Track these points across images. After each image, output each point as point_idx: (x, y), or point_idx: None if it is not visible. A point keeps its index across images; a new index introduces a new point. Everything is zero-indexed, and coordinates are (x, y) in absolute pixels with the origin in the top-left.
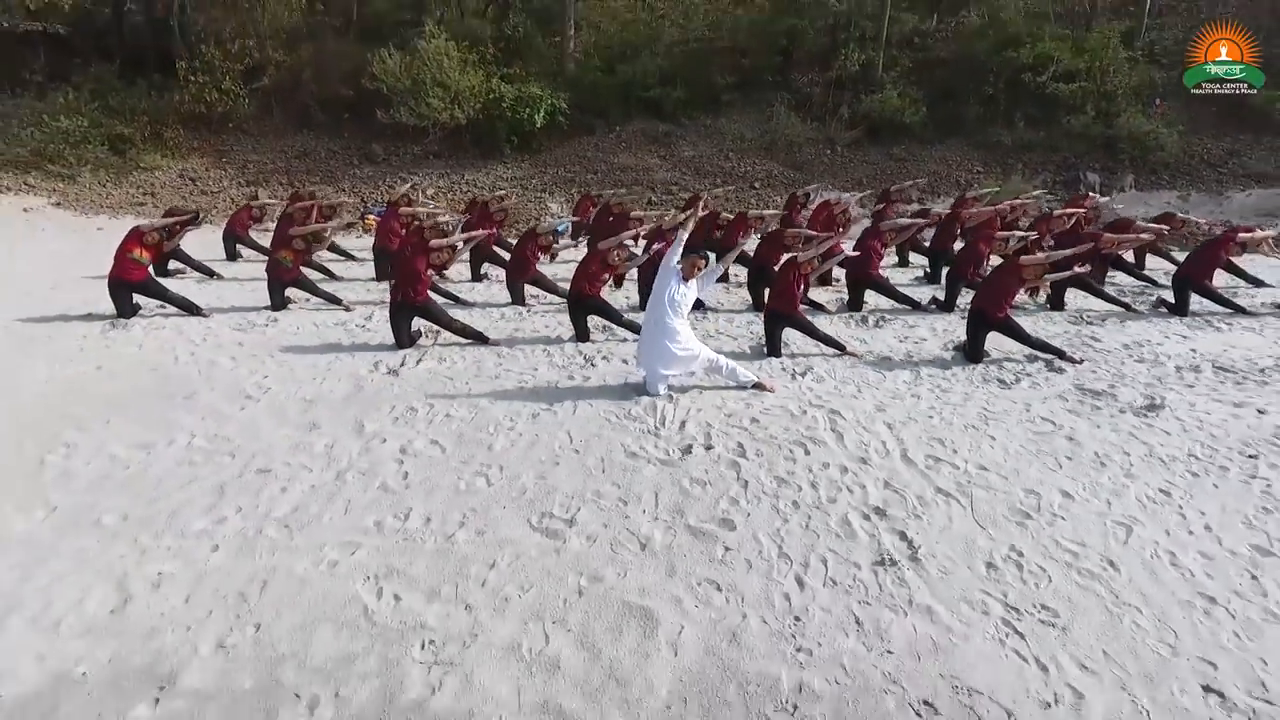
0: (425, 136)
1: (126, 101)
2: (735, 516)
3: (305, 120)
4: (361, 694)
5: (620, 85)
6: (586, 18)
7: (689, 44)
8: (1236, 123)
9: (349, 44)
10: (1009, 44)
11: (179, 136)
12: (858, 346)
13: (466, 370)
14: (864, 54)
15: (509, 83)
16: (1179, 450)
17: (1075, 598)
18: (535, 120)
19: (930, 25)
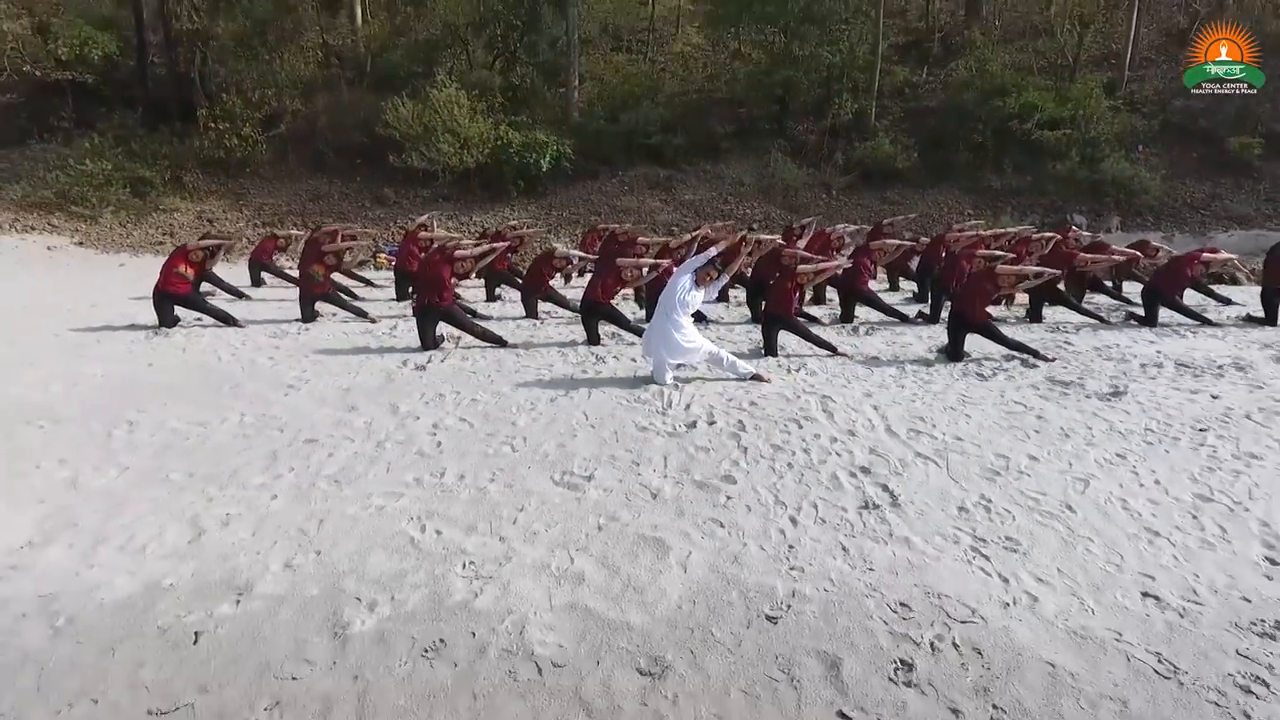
0: (435, 180)
1: (148, 146)
2: (736, 474)
3: (319, 165)
4: (414, 598)
5: (623, 133)
6: (590, 71)
7: (689, 95)
8: (1216, 167)
9: (362, 94)
10: (995, 94)
11: (197, 180)
12: (848, 349)
13: (488, 367)
14: (857, 104)
15: (516, 129)
16: (1136, 425)
17: (1035, 532)
18: (541, 165)
19: (920, 77)
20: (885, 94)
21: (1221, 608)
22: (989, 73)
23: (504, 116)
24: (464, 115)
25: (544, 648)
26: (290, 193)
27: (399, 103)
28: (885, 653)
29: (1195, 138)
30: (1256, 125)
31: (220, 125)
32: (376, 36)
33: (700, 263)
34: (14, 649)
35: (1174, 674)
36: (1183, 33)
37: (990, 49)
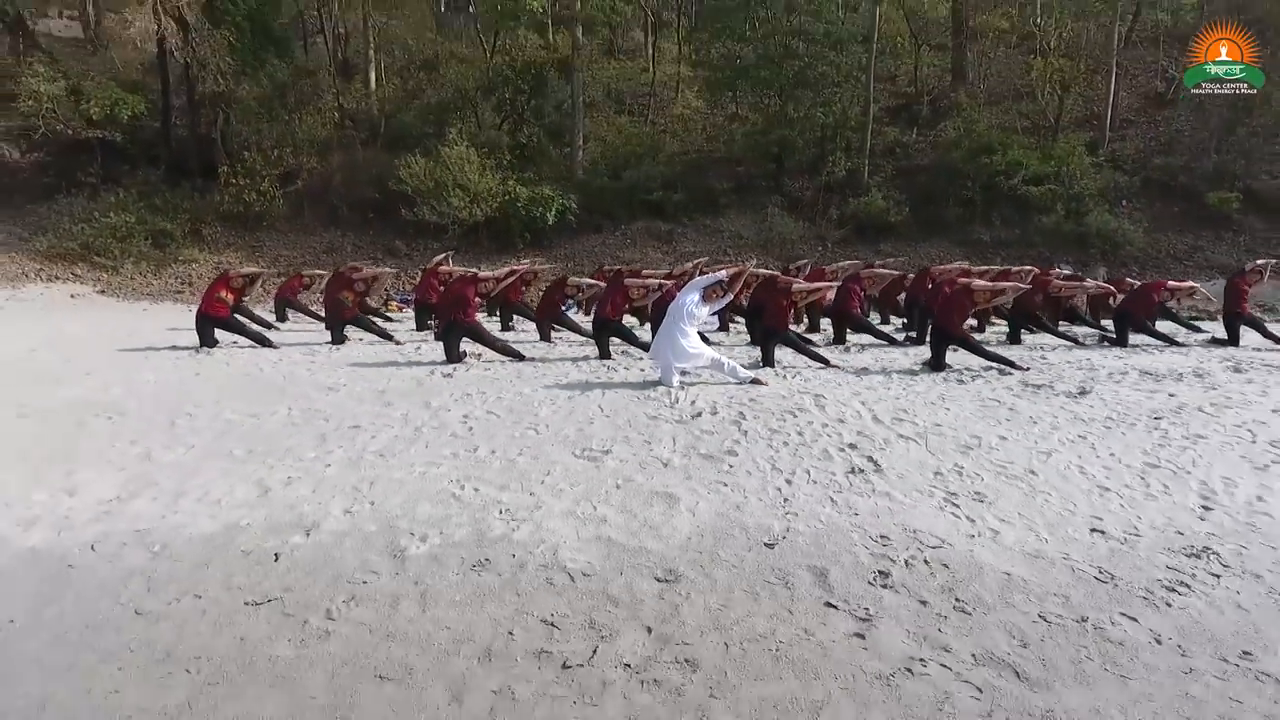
0: (445, 233)
1: (170, 201)
2: (737, 449)
3: (333, 219)
4: (459, 533)
5: (625, 189)
6: (594, 132)
7: (689, 154)
8: (1197, 220)
9: (376, 152)
10: (982, 152)
11: (216, 232)
12: (840, 363)
13: (509, 374)
14: (850, 162)
15: (524, 185)
16: (1098, 415)
17: (1001, 489)
18: (547, 218)
19: (910, 137)
20: (877, 153)
21: (1157, 538)
22: (975, 132)
23: (511, 173)
24: (474, 171)
25: (575, 564)
26: (305, 245)
27: (412, 160)
28: (866, 566)
29: (1175, 193)
30: (1234, 181)
31: (240, 181)
32: (390, 99)
33: (709, 281)
34: (122, 565)
35: (1110, 580)
36: (1159, 95)
37: (976, 110)
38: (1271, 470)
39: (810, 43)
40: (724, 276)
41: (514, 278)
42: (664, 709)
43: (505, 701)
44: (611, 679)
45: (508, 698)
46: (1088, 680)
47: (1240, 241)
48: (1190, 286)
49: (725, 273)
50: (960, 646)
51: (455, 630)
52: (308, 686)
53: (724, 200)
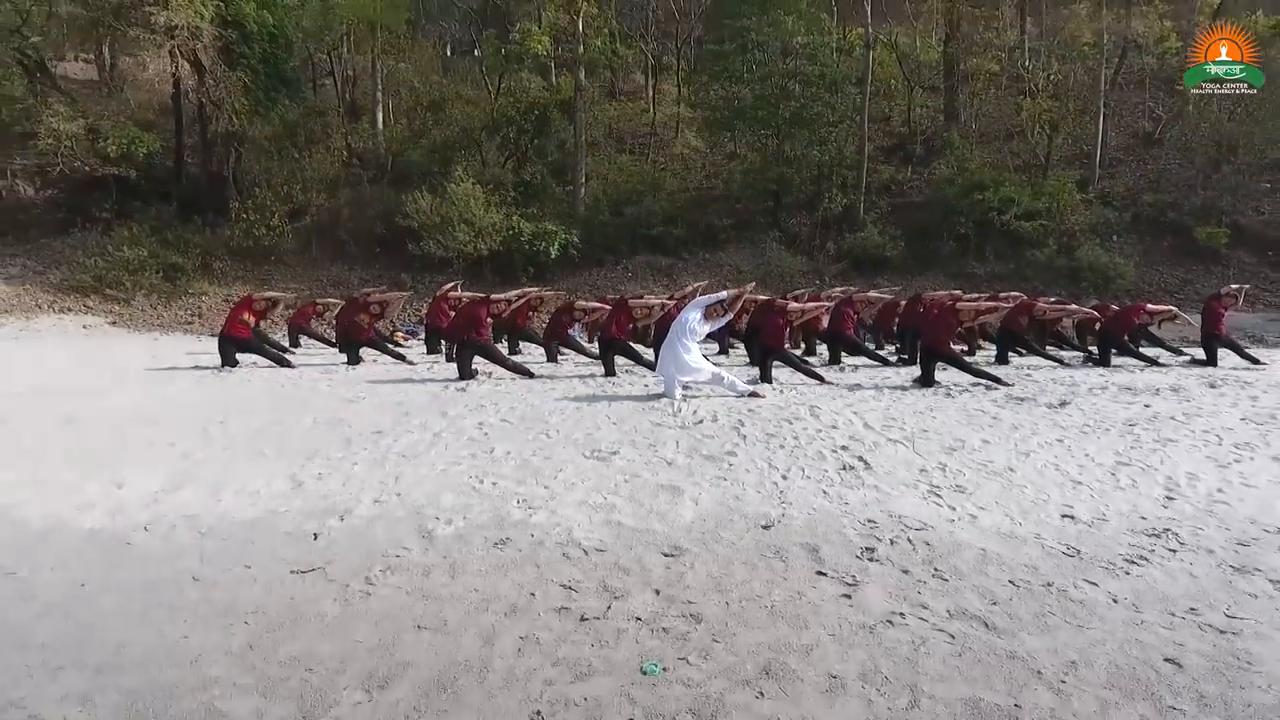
0: (450, 266)
1: (181, 235)
2: (737, 451)
3: (341, 253)
4: (481, 518)
5: (626, 225)
6: (596, 171)
7: (688, 191)
8: (1186, 255)
9: (383, 190)
10: (975, 189)
11: (226, 266)
12: (834, 380)
13: (520, 389)
14: (846, 198)
15: (527, 220)
16: (1076, 423)
17: (981, 482)
18: (550, 252)
19: (905, 175)
20: (873, 190)
21: (1122, 522)
22: (968, 170)
23: (515, 209)
24: (479, 207)
25: (589, 541)
26: (313, 279)
27: (418, 196)
28: (854, 544)
29: (1165, 228)
30: (1221, 217)
31: (250, 216)
32: (396, 139)
33: (710, 300)
34: (175, 542)
35: (1077, 554)
36: (1147, 135)
37: (968, 149)
38: (1233, 468)
39: (805, 84)
40: (724, 296)
41: (524, 300)
42: (671, 649)
43: (530, 645)
44: (624, 628)
45: (533, 641)
46: (1049, 629)
47: (1229, 275)
48: (1168, 310)
49: (726, 293)
50: (937, 605)
51: (483, 592)
52: (354, 634)
53: (723, 235)
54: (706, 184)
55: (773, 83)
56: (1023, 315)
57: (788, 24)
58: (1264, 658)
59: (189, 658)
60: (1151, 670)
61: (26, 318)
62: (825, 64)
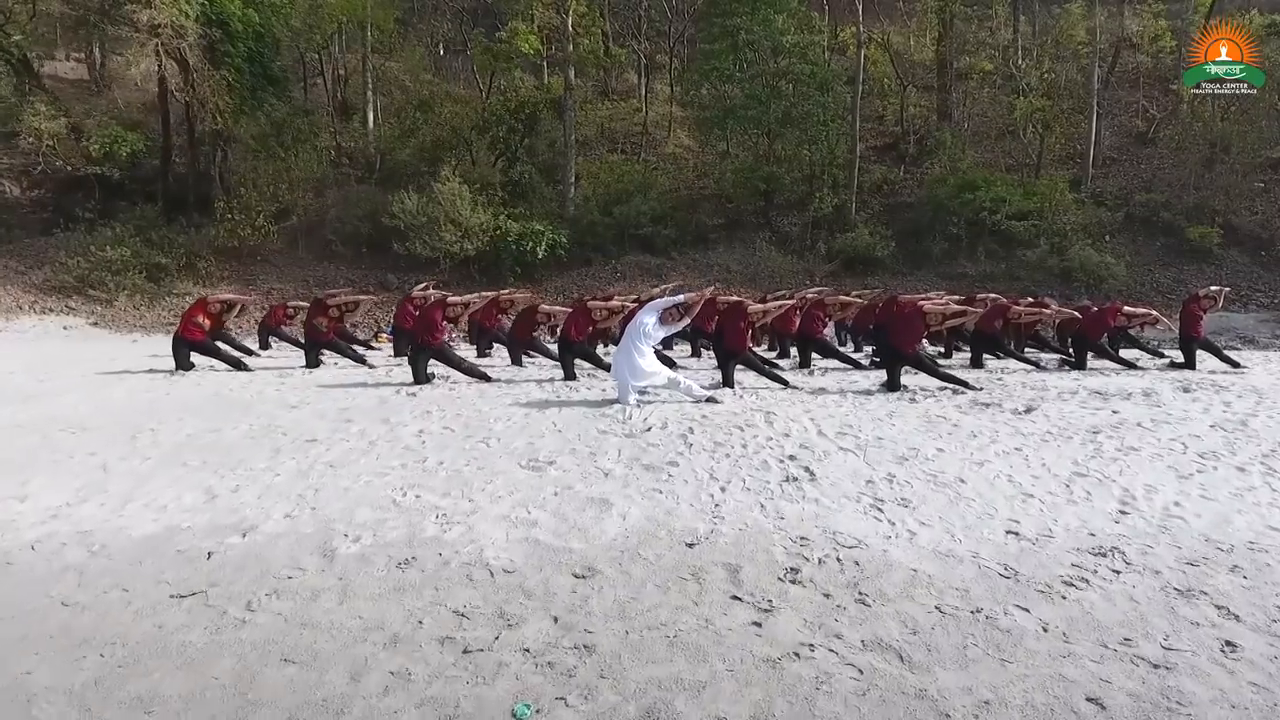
0: (437, 266)
1: (166, 235)
2: (679, 460)
3: (327, 253)
4: (392, 535)
5: (616, 224)
6: (587, 170)
7: (679, 191)
8: (1179, 255)
9: (371, 189)
10: (967, 188)
11: (211, 266)
12: (799, 384)
13: (473, 394)
14: (837, 198)
15: (515, 220)
16: (1038, 430)
17: (927, 495)
18: (537, 252)
19: (897, 174)
20: (865, 189)
21: (1068, 539)
22: (960, 170)
23: (503, 208)
24: (466, 207)
25: (498, 561)
26: (298, 278)
27: (405, 195)
28: (779, 564)
29: (1157, 229)
30: (1214, 217)
31: (235, 216)
32: (385, 138)
33: (667, 303)
34: (59, 562)
35: (1013, 575)
36: (1141, 134)
37: (961, 149)
38: (1194, 479)
39: (796, 83)
40: (681, 300)
41: (484, 302)
42: (552, 687)
43: (400, 682)
44: (508, 662)
45: (404, 677)
46: (968, 663)
47: (1222, 275)
48: (1148, 313)
49: (683, 296)
50: (852, 635)
51: (367, 620)
52: (213, 669)
53: (714, 235)
54: (698, 184)
55: (763, 81)
56: (996, 318)
57: (778, 22)
58: (1195, 698)
59: (24, 697)
60: (1071, 712)
61: (7, 318)
62: (816, 63)
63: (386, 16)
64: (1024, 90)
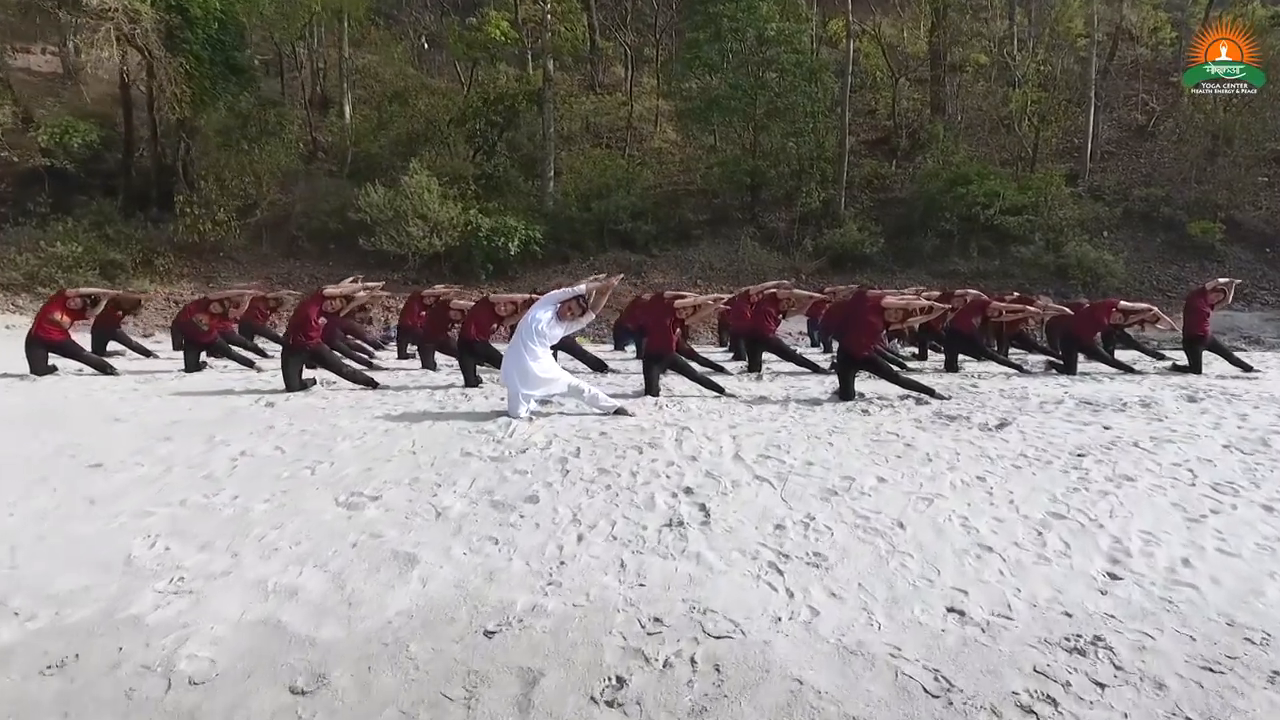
0: (405, 263)
1: (123, 231)
2: (543, 494)
3: (292, 250)
4: (80, 613)
5: (595, 220)
6: (570, 165)
7: (663, 186)
8: (1180, 252)
9: (342, 182)
10: (960, 182)
11: (170, 263)
12: (739, 391)
13: (344, 404)
14: (825, 193)
15: (487, 215)
16: (1010, 452)
17: (850, 548)
18: (510, 249)
19: (889, 169)
20: (854, 185)
21: (1034, 622)
22: (953, 164)
23: (475, 203)
24: (434, 200)
25: (192, 663)
26: (262, 276)
27: (370, 189)
28: (603, 669)
29: (1157, 224)
30: (1216, 212)
31: (196, 211)
32: (358, 130)
33: (564, 296)
34: None
35: (945, 692)
36: (1140, 127)
37: (954, 142)
38: (1207, 523)
39: (783, 73)
40: (582, 290)
41: (368, 297)
42: None
43: None
44: None
45: None
46: None
47: (1225, 272)
48: (1147, 309)
49: (584, 285)
50: None
51: None
52: None
53: (697, 231)
54: (683, 179)
55: (748, 71)
56: (974, 315)
57: (763, 9)
58: None
59: None
60: None
61: None
62: (802, 51)
63: (358, 4)
64: (1019, 82)
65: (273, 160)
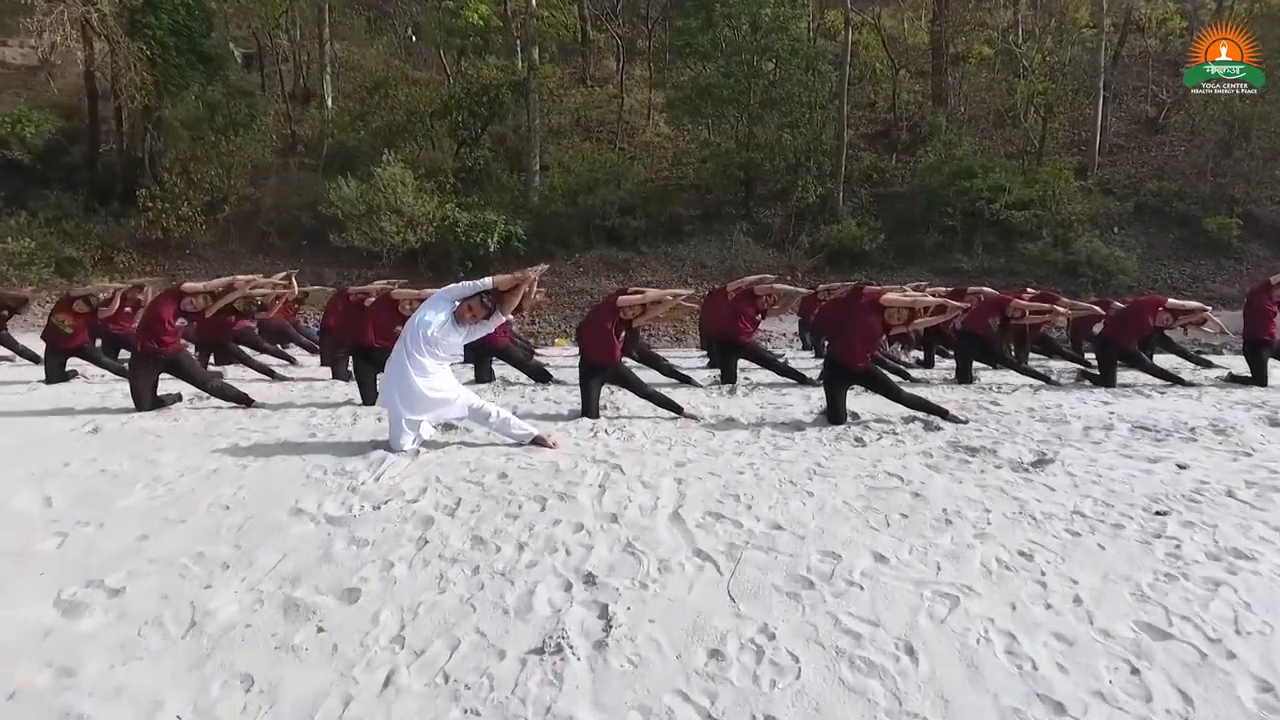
0: (379, 260)
1: (82, 227)
2: (370, 586)
3: (262, 246)
4: None
5: (581, 215)
6: (558, 159)
7: (654, 181)
8: (1195, 248)
9: (317, 176)
10: (963, 176)
11: (131, 260)
12: (704, 410)
13: (192, 429)
14: (823, 187)
15: (466, 209)
16: (1060, 507)
17: (826, 700)
18: (489, 245)
19: (889, 163)
20: (853, 179)
21: None
22: (956, 156)
23: (453, 197)
24: (408, 194)
25: None
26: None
27: (342, 182)
28: None
29: (1171, 219)
30: (1233, 206)
31: (159, 205)
32: (334, 122)
33: (465, 292)
34: None
35: None
36: (1151, 119)
37: (957, 134)
38: None
39: (778, 61)
40: (488, 285)
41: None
42: None
43: None
44: None
45: None
46: None
47: (1243, 270)
48: (1198, 308)
49: (489, 280)
50: None
51: None
52: None
53: (688, 227)
54: (675, 173)
55: (742, 59)
56: (991, 315)
57: None
58: None
59: None
60: None
61: None
62: (797, 39)
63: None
64: (1025, 72)
65: (243, 153)
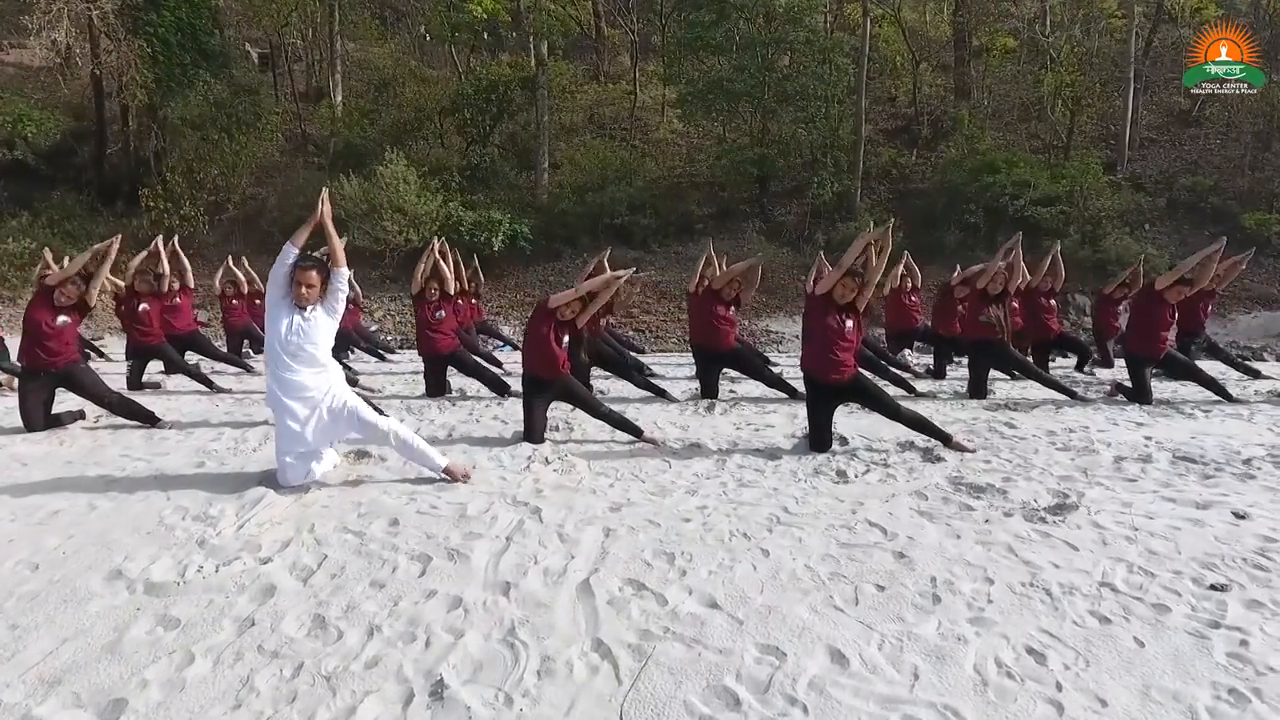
0: (383, 260)
1: (85, 227)
2: (146, 694)
3: (265, 246)
4: None
5: (589, 214)
6: (569, 157)
7: (667, 178)
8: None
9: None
10: (986, 171)
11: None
12: (668, 430)
13: (68, 455)
14: (840, 184)
15: (471, 208)
16: (1084, 576)
17: None
18: (494, 243)
19: (909, 158)
20: (871, 175)
21: None
22: (979, 151)
23: (459, 195)
24: (411, 192)
25: None
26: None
27: (345, 180)
28: None
29: (1206, 215)
30: (1272, 202)
31: (161, 205)
32: (342, 121)
33: (283, 278)
34: None
35: None
36: (1184, 112)
37: (980, 128)
38: None
39: (793, 54)
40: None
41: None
42: None
43: None
44: None
45: None
46: None
47: None
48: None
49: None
50: None
51: None
52: None
53: (700, 226)
54: (688, 170)
55: (755, 53)
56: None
57: None
58: None
59: None
60: None
61: None
62: (813, 31)
63: None
64: (1051, 63)
65: (247, 152)
